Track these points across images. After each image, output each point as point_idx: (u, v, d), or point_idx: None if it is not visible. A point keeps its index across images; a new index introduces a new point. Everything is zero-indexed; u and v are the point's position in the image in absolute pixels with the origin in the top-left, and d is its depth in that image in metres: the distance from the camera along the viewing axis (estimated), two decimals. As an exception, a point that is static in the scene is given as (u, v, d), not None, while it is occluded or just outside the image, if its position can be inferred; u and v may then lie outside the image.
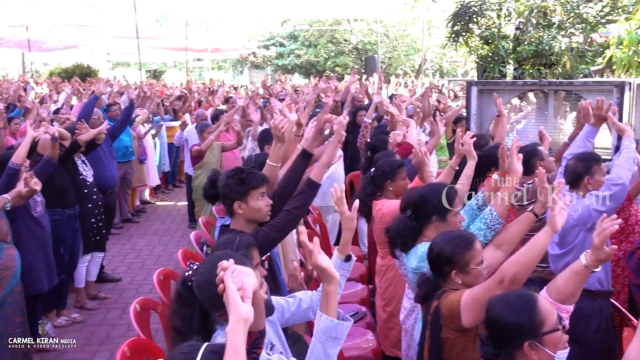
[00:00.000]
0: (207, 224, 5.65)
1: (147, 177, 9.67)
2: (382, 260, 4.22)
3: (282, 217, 3.18)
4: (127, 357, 3.02)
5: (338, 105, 8.98)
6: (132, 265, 7.31)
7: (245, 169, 3.23)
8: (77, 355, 5.01)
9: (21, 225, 4.69)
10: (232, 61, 35.59)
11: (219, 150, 7.44)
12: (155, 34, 23.48)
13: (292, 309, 2.72)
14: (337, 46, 30.18)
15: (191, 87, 14.94)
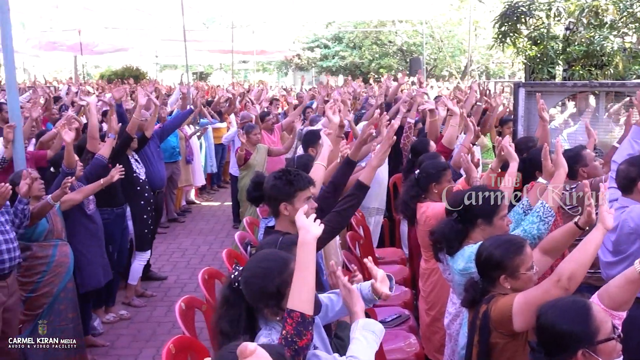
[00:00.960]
0: (251, 224, 5.70)
1: (193, 178, 9.82)
2: (426, 264, 4.18)
3: (330, 218, 3.19)
4: (172, 355, 3.07)
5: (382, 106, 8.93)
6: (178, 264, 7.44)
7: (292, 170, 3.24)
8: (124, 352, 5.14)
9: (76, 223, 4.85)
10: (277, 63, 35.84)
11: (265, 153, 7.51)
12: (202, 37, 23.80)
13: (337, 308, 2.72)
14: (382, 48, 30.07)
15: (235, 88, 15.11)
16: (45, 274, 4.28)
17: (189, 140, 9.50)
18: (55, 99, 10.49)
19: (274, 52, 28.37)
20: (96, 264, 5.01)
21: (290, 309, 2.01)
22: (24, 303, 4.23)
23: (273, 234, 3.15)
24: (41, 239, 4.30)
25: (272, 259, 2.26)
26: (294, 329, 1.99)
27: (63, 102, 10.47)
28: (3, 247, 3.80)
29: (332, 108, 4.43)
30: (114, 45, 23.01)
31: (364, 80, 20.40)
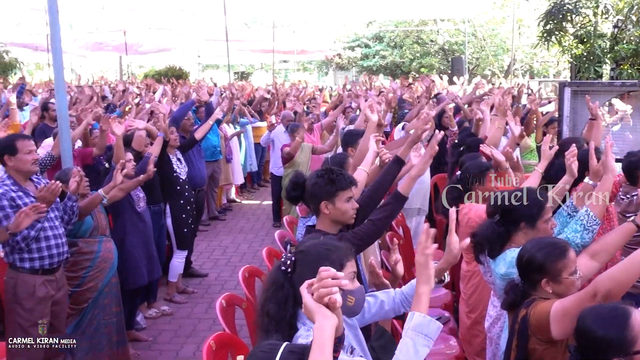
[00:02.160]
0: (291, 223, 5.74)
1: (233, 176, 9.92)
2: (468, 266, 4.13)
3: (366, 227, 3.16)
4: (213, 351, 3.11)
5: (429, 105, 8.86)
6: (218, 262, 7.53)
7: (335, 169, 3.24)
8: (166, 347, 5.23)
9: (126, 220, 4.96)
10: (318, 63, 35.89)
11: (309, 151, 7.54)
12: (243, 37, 24.04)
13: (373, 310, 2.71)
14: (423, 47, 29.80)
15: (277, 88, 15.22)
16: (90, 269, 4.40)
17: (229, 139, 9.60)
18: (102, 98, 10.75)
19: (315, 51, 28.46)
20: (141, 262, 5.12)
21: None
22: (70, 297, 4.35)
23: (313, 232, 3.16)
24: (86, 236, 4.41)
25: (328, 247, 2.26)
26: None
27: (110, 102, 10.72)
28: (52, 242, 3.92)
29: (371, 107, 4.42)
30: (158, 45, 23.44)
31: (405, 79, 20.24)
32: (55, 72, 5.16)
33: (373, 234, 3.21)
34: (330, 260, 2.14)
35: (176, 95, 11.83)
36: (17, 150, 3.86)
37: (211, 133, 7.96)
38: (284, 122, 8.79)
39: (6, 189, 3.82)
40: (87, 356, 4.40)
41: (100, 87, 14.15)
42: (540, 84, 17.51)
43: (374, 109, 4.38)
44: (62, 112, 5.17)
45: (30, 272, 3.88)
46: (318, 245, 2.25)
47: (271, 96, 12.49)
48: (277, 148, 8.28)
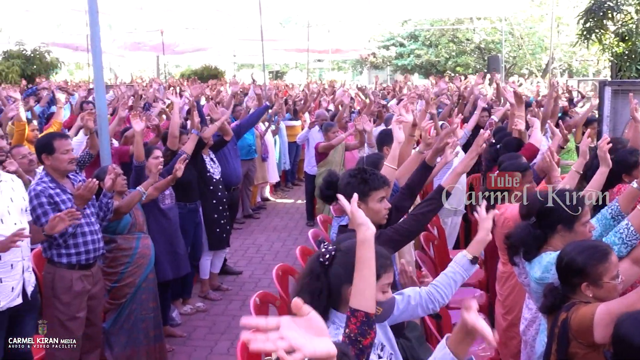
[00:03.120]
0: (324, 222, 5.74)
1: (268, 175, 9.97)
2: (504, 267, 4.07)
3: (407, 221, 3.15)
4: (247, 348, 3.13)
5: (462, 104, 8.79)
6: (252, 260, 7.58)
7: (368, 169, 3.24)
8: (200, 343, 5.29)
9: (149, 217, 5.04)
10: (352, 62, 35.84)
11: (343, 149, 7.53)
12: (278, 36, 24.13)
13: (401, 307, 2.69)
14: (459, 46, 29.49)
15: (310, 87, 15.25)
16: (129, 265, 4.47)
17: (264, 138, 9.65)
18: (139, 97, 10.91)
19: (349, 50, 28.41)
20: (163, 259, 5.15)
21: (353, 308, 2.00)
22: (108, 292, 4.44)
23: (346, 232, 3.16)
24: (125, 232, 4.49)
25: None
26: (358, 328, 1.98)
27: (146, 100, 10.87)
28: (89, 238, 4.00)
29: (406, 106, 4.39)
30: (194, 45, 23.72)
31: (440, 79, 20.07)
32: (95, 72, 5.25)
33: (415, 229, 3.20)
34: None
35: (219, 100, 11.93)
36: (55, 150, 3.94)
37: (246, 132, 8.01)
38: (319, 121, 8.80)
39: (44, 186, 3.90)
40: (125, 350, 4.48)
41: (137, 86, 14.38)
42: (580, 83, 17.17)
43: (408, 109, 4.35)
44: (101, 110, 5.25)
45: (67, 267, 3.96)
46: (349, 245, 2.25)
47: (305, 95, 12.54)
48: (312, 147, 8.30)
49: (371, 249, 2.02)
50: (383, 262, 2.24)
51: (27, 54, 18.90)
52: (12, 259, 3.49)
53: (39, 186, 3.90)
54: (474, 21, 27.73)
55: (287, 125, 11.07)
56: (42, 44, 19.85)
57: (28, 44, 19.28)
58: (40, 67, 18.28)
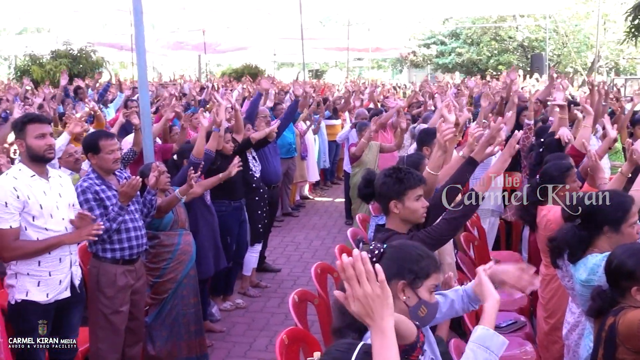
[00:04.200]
0: (363, 221, 5.73)
1: (307, 173, 10.01)
2: (547, 269, 3.99)
3: (439, 225, 3.11)
4: (285, 345, 3.15)
5: (502, 103, 8.65)
6: (291, 258, 7.62)
7: (403, 168, 3.22)
8: (239, 339, 5.34)
9: (197, 213, 5.11)
10: (392, 60, 35.68)
11: (377, 150, 7.50)
12: (318, 35, 24.22)
13: (444, 309, 2.67)
14: (501, 44, 29.05)
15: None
16: (171, 261, 4.55)
17: (304, 136, 9.68)
18: (182, 95, 11.10)
19: (389, 49, 28.31)
20: (208, 254, 5.25)
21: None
22: (150, 288, 4.52)
23: (383, 231, 3.15)
24: (167, 229, 4.57)
25: (420, 253, 2.26)
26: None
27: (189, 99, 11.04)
28: (132, 234, 4.08)
29: (448, 106, 4.34)
30: (235, 44, 23.99)
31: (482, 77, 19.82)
32: (139, 71, 5.36)
33: (447, 233, 3.15)
34: (419, 266, 2.15)
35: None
36: (100, 150, 4.03)
37: (287, 130, 8.04)
38: (358, 119, 8.78)
39: (91, 182, 3.99)
40: (167, 344, 4.56)
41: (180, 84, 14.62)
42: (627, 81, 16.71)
43: (451, 109, 4.29)
44: (145, 109, 5.35)
45: (111, 262, 4.04)
46: (412, 248, 2.25)
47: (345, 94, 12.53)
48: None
49: (390, 345, 1.65)
50: (432, 262, 2.23)
51: (74, 53, 19.39)
52: (61, 253, 3.59)
53: (86, 182, 4.00)
54: (517, 19, 27.27)
55: (327, 124, 11.08)
56: (88, 44, 20.34)
57: (75, 44, 19.79)
58: (86, 67, 18.73)
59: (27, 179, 3.49)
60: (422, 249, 2.29)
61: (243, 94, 11.94)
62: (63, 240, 3.51)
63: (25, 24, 29.55)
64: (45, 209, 3.51)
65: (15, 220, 3.42)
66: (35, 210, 3.48)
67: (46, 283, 3.53)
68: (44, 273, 3.53)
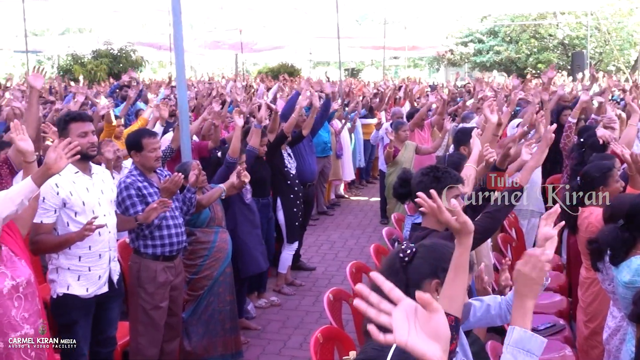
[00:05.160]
0: (399, 220, 5.71)
1: (342, 172, 10.00)
2: (587, 272, 3.91)
3: (481, 220, 3.09)
4: (320, 344, 3.16)
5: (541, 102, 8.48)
6: (326, 256, 7.63)
7: (441, 167, 3.20)
8: (274, 336, 5.38)
9: (236, 211, 5.17)
10: (429, 59, 35.35)
11: (413, 150, 7.45)
12: (354, 34, 24.14)
13: (479, 314, 2.64)
14: (541, 42, 28.51)
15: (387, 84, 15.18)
16: (207, 258, 4.61)
17: (340, 135, 9.68)
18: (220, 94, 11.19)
19: (426, 47, 28.07)
20: (256, 251, 5.31)
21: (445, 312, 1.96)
22: (187, 284, 4.59)
23: (420, 230, 3.13)
24: (204, 226, 4.63)
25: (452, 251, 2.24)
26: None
27: (225, 98, 11.13)
28: (173, 231, 4.15)
29: (490, 106, 4.28)
30: (272, 43, 24.09)
31: (520, 76, 19.51)
32: (177, 70, 5.41)
33: (487, 229, 3.13)
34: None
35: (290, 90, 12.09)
36: (143, 148, 4.12)
37: (322, 129, 8.05)
38: (393, 118, 8.74)
39: (133, 179, 4.09)
40: (202, 340, 4.62)
41: (216, 83, 14.75)
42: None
43: (494, 109, 4.23)
44: (183, 107, 5.41)
45: (152, 258, 4.12)
46: (444, 246, 2.23)
47: (381, 93, 12.48)
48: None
49: (468, 253, 2.00)
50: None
51: (114, 53, 19.78)
52: (100, 249, 3.67)
53: (129, 179, 4.09)
54: (557, 16, 26.73)
55: (363, 122, 11.06)
56: (128, 44, 20.72)
57: (115, 44, 20.18)
58: (126, 66, 19.08)
59: (70, 175, 3.57)
60: (451, 246, 2.27)
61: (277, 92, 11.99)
62: (72, 237, 3.52)
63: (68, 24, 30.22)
64: (88, 205, 3.59)
65: (49, 216, 3.49)
66: (78, 206, 3.56)
67: (86, 278, 3.61)
68: (83, 268, 3.61)
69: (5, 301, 2.91)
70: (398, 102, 12.61)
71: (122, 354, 4.24)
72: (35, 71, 4.61)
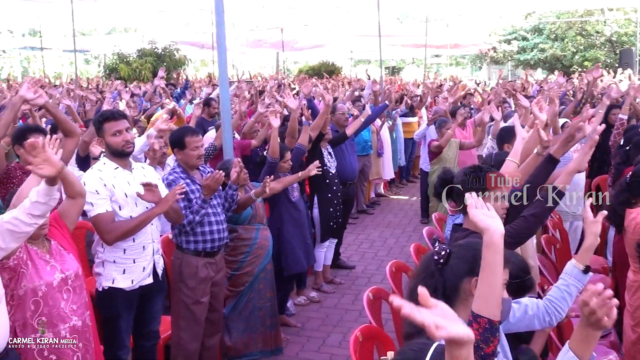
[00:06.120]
0: (439, 220, 5.65)
1: (382, 171, 9.96)
2: (635, 276, 3.80)
3: (518, 223, 3.04)
4: (359, 342, 3.16)
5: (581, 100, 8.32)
6: (366, 255, 7.61)
7: (483, 167, 3.16)
8: (313, 334, 5.39)
9: (282, 210, 5.20)
10: (471, 57, 34.92)
11: (457, 147, 7.39)
12: (395, 32, 24.03)
13: (518, 315, 2.60)
14: (588, 39, 27.86)
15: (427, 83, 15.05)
16: (248, 254, 4.66)
17: (380, 133, 9.64)
18: (260, 92, 11.30)
19: (468, 45, 27.75)
20: (299, 250, 5.34)
21: (476, 313, 1.95)
22: (228, 280, 4.65)
23: (461, 231, 3.09)
24: (245, 223, 4.69)
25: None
26: (481, 334, 1.92)
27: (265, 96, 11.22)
28: (214, 227, 4.21)
29: (539, 104, 4.19)
30: (312, 41, 24.18)
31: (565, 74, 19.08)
32: (220, 69, 5.48)
33: (527, 231, 3.08)
34: None
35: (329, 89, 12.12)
36: (186, 146, 4.19)
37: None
38: (435, 117, 8.67)
39: (176, 176, 4.17)
40: (243, 336, 4.67)
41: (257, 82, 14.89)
42: None
43: (543, 108, 4.14)
44: (225, 105, 5.47)
45: (194, 253, 4.18)
46: (478, 244, 2.20)
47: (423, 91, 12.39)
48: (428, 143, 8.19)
49: (498, 253, 1.93)
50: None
51: (158, 52, 20.13)
52: (144, 240, 3.74)
53: (171, 176, 4.18)
54: (604, 12, 26.07)
55: (403, 121, 10.98)
56: (172, 43, 21.06)
57: (159, 43, 20.54)
58: (170, 65, 19.40)
59: (111, 171, 3.65)
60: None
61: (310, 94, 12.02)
62: (155, 212, 3.64)
63: (114, 24, 30.96)
64: (130, 197, 3.67)
65: (109, 205, 3.60)
66: (121, 199, 3.64)
67: (131, 270, 3.69)
68: (128, 261, 3.69)
69: (55, 293, 3.01)
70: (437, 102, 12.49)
71: (165, 348, 4.32)
72: (31, 83, 4.39)
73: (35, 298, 2.95)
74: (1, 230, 2.65)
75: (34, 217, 2.66)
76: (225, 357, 4.71)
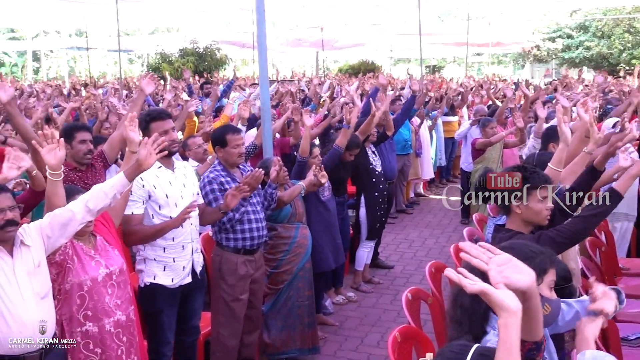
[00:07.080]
0: (480, 221, 5.58)
1: (421, 171, 9.88)
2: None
3: (572, 223, 2.97)
4: (397, 343, 3.14)
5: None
6: (404, 255, 7.56)
7: (528, 167, 3.10)
8: (351, 333, 5.39)
9: (311, 208, 5.21)
10: (513, 55, 34.35)
11: (501, 146, 7.29)
12: (436, 30, 23.81)
13: (567, 318, 2.54)
14: (636, 36, 27.09)
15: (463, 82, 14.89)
16: (287, 253, 4.68)
17: (419, 133, 9.56)
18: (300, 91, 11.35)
19: (511, 43, 27.29)
20: (326, 249, 5.33)
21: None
22: (267, 278, 4.68)
23: (504, 232, 3.05)
24: (285, 221, 4.71)
25: (533, 250, 2.19)
26: (526, 353, 1.84)
27: (305, 95, 11.27)
28: (254, 225, 4.24)
29: (584, 104, 4.09)
30: (352, 40, 24.15)
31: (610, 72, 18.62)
32: (260, 68, 5.52)
33: (580, 232, 3.00)
34: (534, 263, 2.06)
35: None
36: (227, 144, 4.23)
37: (403, 127, 7.99)
38: (477, 116, 8.56)
39: (216, 174, 4.23)
40: (281, 334, 4.70)
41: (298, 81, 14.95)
42: None
43: (588, 108, 4.04)
44: (265, 104, 5.51)
45: (233, 251, 4.23)
46: (524, 245, 2.17)
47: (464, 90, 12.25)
48: (469, 143, 8.09)
49: (515, 335, 1.58)
50: (547, 257, 2.16)
51: (200, 51, 20.40)
52: (183, 240, 3.80)
53: (212, 174, 4.23)
54: (654, 9, 25.31)
55: (444, 120, 10.87)
56: (213, 42, 21.31)
57: (201, 42, 20.82)
58: (211, 64, 19.63)
59: (154, 169, 3.70)
60: (533, 245, 2.21)
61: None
62: (168, 225, 3.67)
63: (157, 24, 31.52)
64: (171, 198, 3.73)
65: (138, 207, 3.65)
66: (162, 199, 3.70)
67: (171, 268, 3.76)
68: (168, 259, 3.75)
69: (100, 288, 3.09)
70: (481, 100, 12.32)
71: (205, 343, 4.38)
72: (150, 77, 4.75)
73: (80, 292, 3.03)
74: (52, 223, 2.79)
75: (89, 212, 2.85)
76: (264, 354, 4.75)
